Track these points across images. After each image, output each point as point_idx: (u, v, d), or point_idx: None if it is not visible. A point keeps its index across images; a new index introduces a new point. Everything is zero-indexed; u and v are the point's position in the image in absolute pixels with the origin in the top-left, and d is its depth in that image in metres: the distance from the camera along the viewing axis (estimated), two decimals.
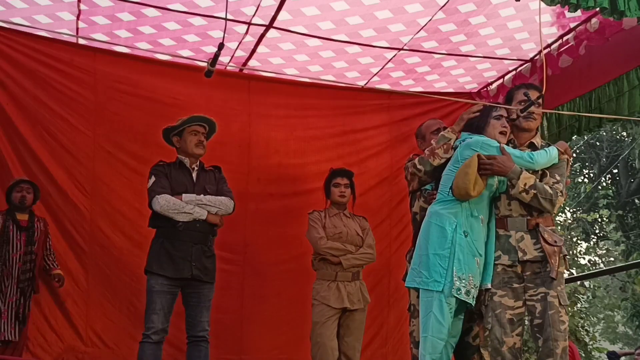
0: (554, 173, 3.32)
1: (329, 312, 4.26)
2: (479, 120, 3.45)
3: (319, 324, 4.26)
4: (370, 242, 4.50)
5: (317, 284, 4.39)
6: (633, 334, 18.37)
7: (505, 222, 3.31)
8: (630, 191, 16.43)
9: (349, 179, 4.56)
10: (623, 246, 15.21)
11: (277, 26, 4.38)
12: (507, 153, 3.24)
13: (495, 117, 3.39)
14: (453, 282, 3.09)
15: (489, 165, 3.18)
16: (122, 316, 4.74)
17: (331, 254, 4.34)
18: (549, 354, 3.11)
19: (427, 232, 3.26)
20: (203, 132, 4.11)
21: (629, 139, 16.14)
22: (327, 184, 4.57)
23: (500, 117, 3.39)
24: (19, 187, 4.62)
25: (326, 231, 4.39)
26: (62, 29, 4.42)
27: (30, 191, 4.65)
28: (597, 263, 15.69)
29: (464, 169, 3.16)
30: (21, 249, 4.66)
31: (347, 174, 4.56)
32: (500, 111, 3.41)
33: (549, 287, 3.17)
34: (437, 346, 3.09)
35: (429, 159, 3.63)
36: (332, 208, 4.54)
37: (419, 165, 3.70)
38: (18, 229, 4.67)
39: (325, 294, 4.29)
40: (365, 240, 4.48)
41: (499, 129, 3.37)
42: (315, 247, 4.40)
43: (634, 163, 15.76)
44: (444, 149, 3.59)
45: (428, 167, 3.65)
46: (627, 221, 16.13)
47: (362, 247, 4.44)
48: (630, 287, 13.91)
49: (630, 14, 3.10)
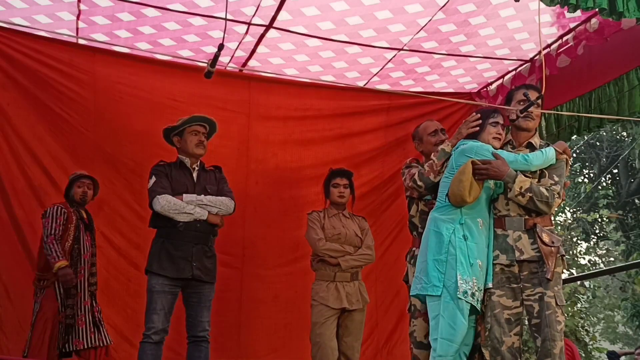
0: (552, 174, 3.33)
1: (328, 312, 4.27)
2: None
3: (318, 324, 4.27)
4: (369, 242, 4.51)
5: (316, 284, 4.40)
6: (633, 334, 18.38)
7: (503, 222, 3.33)
8: (630, 191, 16.43)
9: (348, 179, 4.56)
10: (623, 246, 15.21)
11: (277, 26, 4.38)
12: (501, 157, 3.26)
13: (492, 123, 3.41)
14: (458, 286, 3.10)
15: (484, 170, 3.21)
16: (120, 319, 4.71)
17: (329, 255, 4.34)
18: (547, 354, 3.13)
19: (427, 239, 3.30)
20: (204, 132, 4.12)
21: (629, 139, 16.14)
22: (326, 184, 4.58)
23: (497, 124, 3.42)
24: (80, 182, 4.39)
25: (325, 232, 4.39)
26: (62, 29, 4.42)
27: (91, 187, 4.44)
28: (597, 263, 15.69)
29: (458, 176, 3.20)
30: (89, 249, 4.42)
31: (346, 174, 4.57)
32: (498, 118, 3.43)
33: (546, 287, 3.18)
34: (447, 348, 3.08)
35: (429, 175, 3.64)
36: (332, 208, 4.54)
37: (419, 182, 3.70)
38: (85, 227, 4.41)
39: (324, 295, 4.29)
40: (364, 241, 4.48)
41: (493, 134, 3.40)
42: (314, 248, 4.41)
43: (634, 163, 15.76)
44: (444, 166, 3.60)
45: (429, 184, 3.66)
46: (627, 221, 16.12)
47: (360, 248, 4.45)
48: (630, 287, 13.91)
49: (629, 15, 3.11)
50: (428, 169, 3.66)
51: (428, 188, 3.69)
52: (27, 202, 4.57)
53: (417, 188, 3.74)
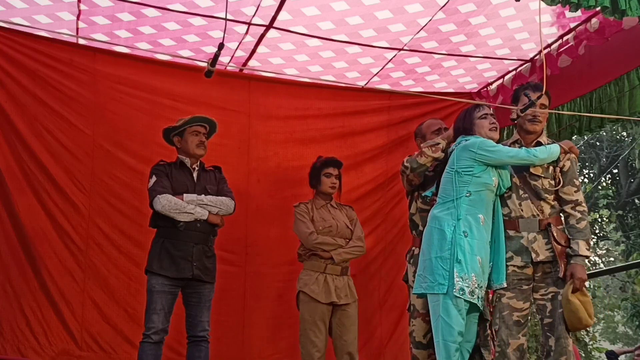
0: (572, 179, 3.40)
1: (318, 309, 4.19)
2: (464, 124, 3.48)
3: (308, 322, 4.20)
4: (359, 233, 4.44)
5: (304, 274, 4.31)
6: (633, 334, 18.36)
7: (517, 223, 3.32)
8: (630, 191, 16.42)
9: (339, 169, 4.51)
10: (623, 246, 15.20)
11: (277, 26, 4.37)
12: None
13: (480, 117, 3.42)
14: (455, 284, 3.09)
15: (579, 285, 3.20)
16: (119, 319, 4.66)
17: (322, 249, 4.28)
18: (562, 352, 3.14)
19: (428, 236, 3.29)
20: (204, 132, 4.12)
21: (629, 139, 16.13)
22: (316, 173, 4.48)
23: (486, 115, 3.43)
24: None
25: (315, 225, 4.32)
26: (62, 29, 4.42)
27: None
28: (597, 263, 15.68)
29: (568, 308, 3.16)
30: None
31: (337, 164, 4.51)
32: (484, 110, 3.45)
33: (559, 287, 3.20)
34: (450, 349, 3.07)
35: (416, 157, 3.72)
36: (318, 199, 4.47)
37: (406, 162, 3.78)
38: None
39: (314, 287, 4.21)
40: (354, 232, 4.42)
41: (487, 126, 3.41)
42: (305, 243, 4.33)
43: (634, 163, 15.74)
44: (432, 150, 3.66)
45: (414, 165, 3.74)
46: (627, 221, 16.11)
47: (351, 240, 4.39)
48: (630, 287, 13.89)
49: (632, 13, 3.10)
50: (417, 153, 3.73)
51: (414, 170, 3.73)
52: (27, 202, 4.56)
53: (405, 170, 3.80)
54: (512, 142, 3.58)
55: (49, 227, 4.61)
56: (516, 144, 3.55)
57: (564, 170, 3.37)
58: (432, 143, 3.73)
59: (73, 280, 4.62)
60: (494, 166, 3.32)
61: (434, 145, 3.69)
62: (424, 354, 3.79)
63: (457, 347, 3.09)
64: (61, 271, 4.60)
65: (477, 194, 3.26)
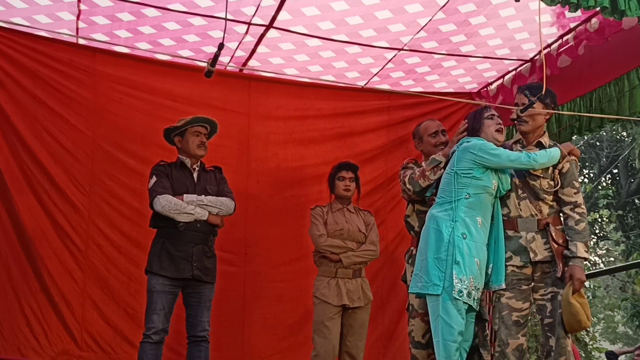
0: (572, 182, 3.39)
1: (330, 311, 4.22)
2: (473, 123, 3.49)
3: (320, 323, 4.23)
4: (374, 238, 4.44)
5: (317, 280, 4.36)
6: (633, 334, 18.36)
7: (516, 223, 3.33)
8: (630, 191, 16.42)
9: (354, 172, 4.51)
10: (623, 246, 15.20)
11: (277, 26, 4.37)
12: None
13: (487, 117, 3.44)
14: (454, 285, 3.10)
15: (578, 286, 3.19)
16: (119, 319, 4.66)
17: (331, 251, 4.29)
18: (562, 352, 3.15)
19: (426, 236, 3.29)
20: (205, 133, 4.13)
21: (629, 139, 16.13)
22: (331, 178, 4.52)
23: (493, 116, 3.45)
24: None
25: (327, 227, 4.34)
26: (62, 29, 4.42)
27: None
28: (597, 263, 15.68)
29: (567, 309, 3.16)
30: None
31: (352, 167, 4.52)
32: (492, 110, 3.46)
33: (559, 287, 3.20)
34: (450, 349, 3.08)
35: (419, 180, 3.72)
36: (336, 203, 4.49)
37: (409, 184, 3.77)
38: None
39: (325, 291, 4.24)
40: (368, 236, 4.43)
41: (494, 127, 3.43)
42: (316, 245, 4.36)
43: (634, 163, 15.74)
44: (433, 172, 3.65)
45: (417, 188, 3.74)
46: (627, 221, 16.11)
47: (364, 244, 4.40)
48: (630, 287, 13.89)
49: (631, 14, 3.11)
50: (419, 173, 3.72)
51: (416, 192, 3.74)
52: (27, 202, 4.55)
53: (406, 191, 3.80)
54: (514, 142, 3.60)
55: (49, 227, 4.61)
56: (518, 143, 3.56)
57: (563, 171, 3.38)
58: (434, 164, 3.69)
59: (73, 281, 4.63)
60: (494, 169, 3.32)
61: (436, 166, 3.68)
62: (423, 354, 3.79)
63: (457, 347, 3.10)
64: (61, 271, 4.60)
65: (476, 196, 3.27)
